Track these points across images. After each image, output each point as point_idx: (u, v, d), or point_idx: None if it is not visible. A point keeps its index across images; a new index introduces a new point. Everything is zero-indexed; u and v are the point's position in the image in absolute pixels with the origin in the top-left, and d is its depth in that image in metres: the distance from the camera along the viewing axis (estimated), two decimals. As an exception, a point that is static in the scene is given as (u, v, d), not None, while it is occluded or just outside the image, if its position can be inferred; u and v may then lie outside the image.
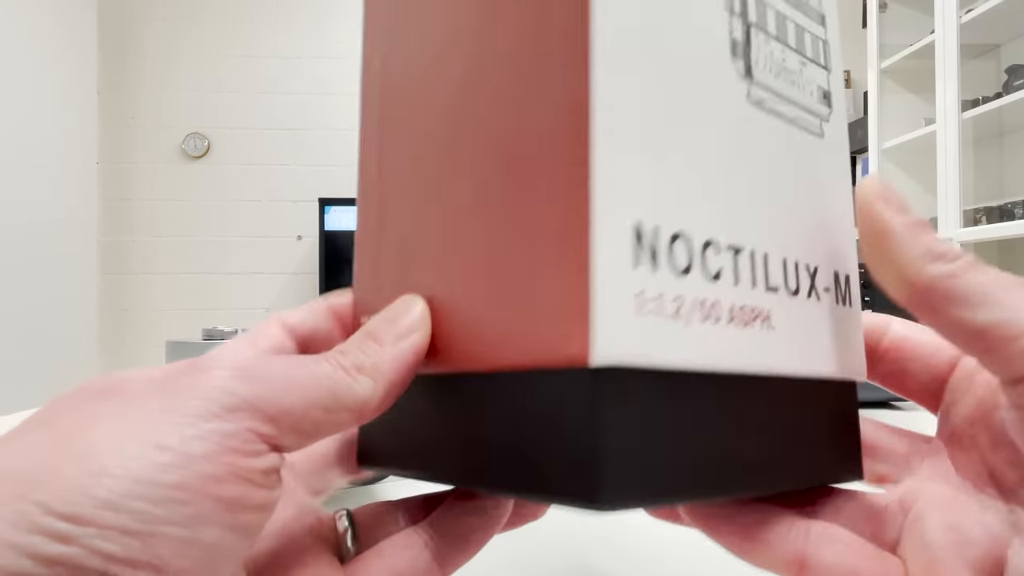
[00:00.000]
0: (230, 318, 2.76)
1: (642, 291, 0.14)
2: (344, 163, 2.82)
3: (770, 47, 0.18)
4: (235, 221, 2.79)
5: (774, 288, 0.16)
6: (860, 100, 2.86)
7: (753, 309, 0.16)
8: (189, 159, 2.78)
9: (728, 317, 0.15)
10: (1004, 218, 2.01)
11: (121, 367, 2.70)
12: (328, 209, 2.61)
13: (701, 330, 0.14)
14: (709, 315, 0.15)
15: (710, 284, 0.15)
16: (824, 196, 0.18)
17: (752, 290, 0.16)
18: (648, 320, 0.14)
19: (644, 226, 0.14)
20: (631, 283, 0.13)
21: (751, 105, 0.17)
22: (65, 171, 2.45)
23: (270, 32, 2.81)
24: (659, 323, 0.14)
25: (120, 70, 2.76)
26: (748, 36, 0.17)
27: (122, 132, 2.76)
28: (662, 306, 0.14)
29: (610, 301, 0.13)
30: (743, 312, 0.15)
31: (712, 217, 0.15)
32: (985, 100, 1.96)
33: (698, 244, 0.15)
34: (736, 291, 0.15)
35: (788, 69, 0.18)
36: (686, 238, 0.15)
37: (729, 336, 0.15)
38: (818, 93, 0.19)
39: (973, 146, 2.06)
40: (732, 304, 0.15)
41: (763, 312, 0.16)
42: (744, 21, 0.17)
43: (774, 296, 0.16)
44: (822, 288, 0.18)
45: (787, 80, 0.18)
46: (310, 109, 2.81)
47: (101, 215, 2.71)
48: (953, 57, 1.96)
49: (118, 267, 2.75)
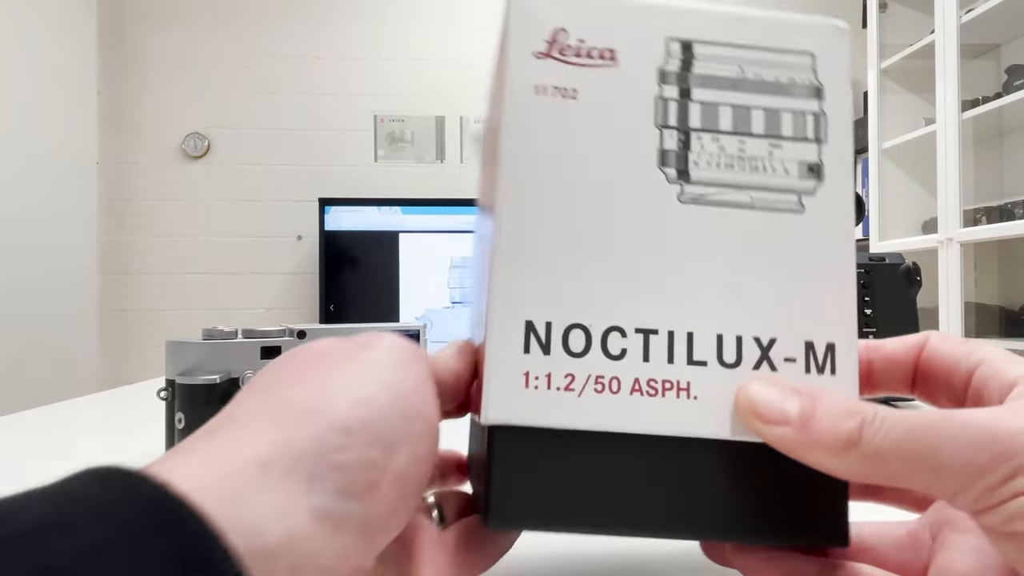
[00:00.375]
0: (230, 318, 2.76)
1: (528, 371, 0.18)
2: (344, 163, 2.82)
3: (719, 143, 0.20)
4: (235, 221, 2.79)
5: (700, 362, 0.19)
6: (860, 100, 2.86)
7: (667, 382, 0.19)
8: (189, 159, 2.78)
9: (631, 388, 0.18)
10: (1004, 218, 2.01)
11: (121, 367, 2.70)
12: (328, 209, 2.61)
13: (596, 399, 0.18)
14: (606, 387, 0.18)
15: (610, 362, 0.18)
16: (801, 269, 0.19)
17: (668, 365, 0.19)
18: (536, 393, 0.18)
19: (536, 323, 0.18)
20: (519, 365, 0.18)
21: (685, 204, 0.19)
22: (65, 171, 2.45)
23: (270, 32, 2.81)
24: (548, 395, 0.18)
25: (120, 70, 2.76)
26: (686, 141, 0.20)
27: (122, 132, 2.76)
28: (551, 382, 0.18)
29: (498, 378, 0.18)
30: (652, 384, 0.19)
31: (619, 308, 0.19)
32: (985, 100, 1.96)
33: (598, 332, 0.19)
34: (644, 367, 0.19)
35: (748, 157, 0.20)
36: (585, 328, 0.18)
37: (630, 404, 0.18)
38: (798, 169, 0.20)
39: (973, 146, 2.06)
40: (637, 378, 0.19)
41: (680, 384, 0.19)
42: (680, 130, 0.19)
43: (700, 369, 0.19)
44: (781, 358, 0.19)
45: (745, 168, 0.20)
46: (310, 109, 2.81)
47: (101, 215, 2.71)
48: (953, 57, 1.96)
49: (118, 267, 2.75)
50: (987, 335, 2.02)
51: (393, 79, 2.84)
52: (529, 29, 0.20)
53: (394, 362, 0.18)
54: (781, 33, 0.20)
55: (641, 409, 0.18)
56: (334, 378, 0.17)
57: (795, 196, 0.20)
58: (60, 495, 0.12)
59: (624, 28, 0.20)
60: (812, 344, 0.19)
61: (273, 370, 0.19)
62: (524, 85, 0.19)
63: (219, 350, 0.33)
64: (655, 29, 0.20)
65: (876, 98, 2.36)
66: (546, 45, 0.20)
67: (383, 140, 2.84)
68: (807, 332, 0.19)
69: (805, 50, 0.21)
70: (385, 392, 0.17)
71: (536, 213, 0.19)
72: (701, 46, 0.20)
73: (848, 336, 0.19)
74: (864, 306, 0.59)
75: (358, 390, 0.17)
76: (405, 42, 2.84)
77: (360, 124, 2.83)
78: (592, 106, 0.19)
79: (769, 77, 0.20)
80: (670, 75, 0.20)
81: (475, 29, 2.85)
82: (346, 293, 2.60)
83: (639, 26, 0.20)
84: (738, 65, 0.20)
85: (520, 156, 0.19)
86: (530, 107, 0.19)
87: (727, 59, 0.20)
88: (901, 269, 0.60)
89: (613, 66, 0.20)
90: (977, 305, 2.05)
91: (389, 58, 2.84)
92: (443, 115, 2.84)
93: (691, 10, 0.20)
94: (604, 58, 0.20)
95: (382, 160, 2.84)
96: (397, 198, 2.67)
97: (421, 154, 2.85)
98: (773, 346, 0.19)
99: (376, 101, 2.84)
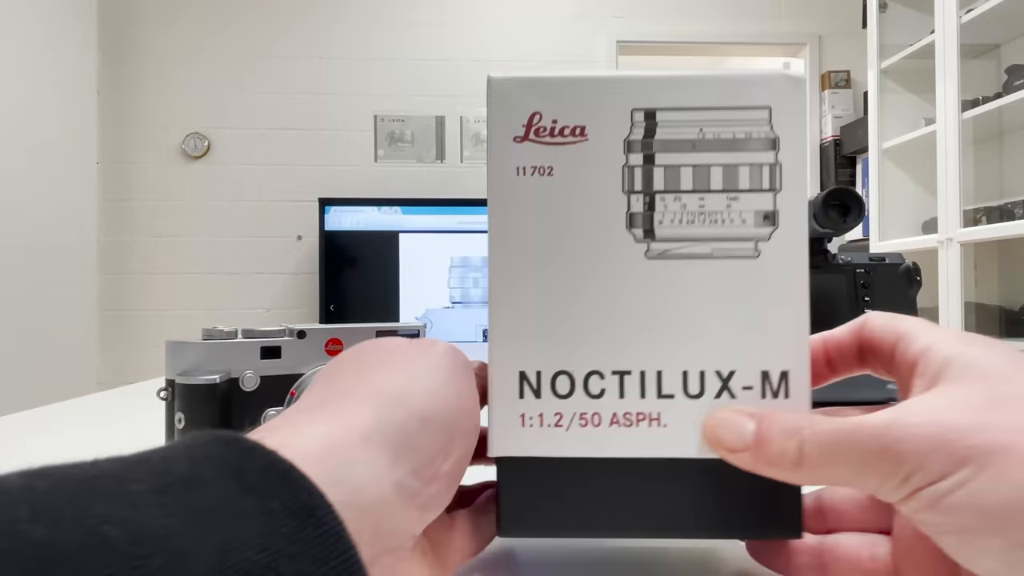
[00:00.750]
0: (230, 318, 2.76)
1: (523, 413, 0.22)
2: (344, 163, 2.82)
3: (681, 202, 0.22)
4: (235, 221, 2.79)
5: (669, 395, 0.22)
6: (860, 100, 2.86)
7: (640, 414, 0.22)
8: (189, 159, 2.78)
9: (610, 421, 0.22)
10: (1004, 218, 2.01)
11: (121, 367, 2.70)
12: (328, 209, 2.61)
13: (581, 432, 0.22)
14: (589, 422, 0.22)
15: (592, 401, 0.22)
16: (758, 306, 0.22)
17: (640, 400, 0.22)
18: (531, 430, 0.22)
19: (528, 373, 0.22)
20: (516, 408, 0.22)
21: (651, 259, 0.22)
22: (65, 171, 2.45)
23: (270, 33, 2.81)
24: (541, 431, 0.22)
25: (120, 70, 2.76)
26: (651, 203, 0.22)
27: (122, 132, 2.76)
28: (543, 420, 0.22)
29: (500, 420, 0.22)
30: (627, 417, 0.22)
31: (597, 355, 0.22)
32: (985, 100, 1.96)
33: (580, 376, 0.22)
34: (621, 403, 0.22)
35: (708, 212, 0.22)
36: (569, 374, 0.22)
37: (609, 434, 0.22)
38: (755, 218, 0.22)
39: (973, 146, 2.06)
40: (614, 412, 0.22)
41: (651, 415, 0.22)
42: (645, 194, 0.22)
43: (669, 401, 0.22)
44: (739, 387, 0.22)
45: (706, 222, 0.22)
46: (310, 109, 2.81)
47: (101, 215, 2.71)
48: (953, 57, 1.97)
49: (118, 267, 2.75)
50: (987, 335, 2.02)
51: (393, 79, 2.84)
52: (508, 116, 0.22)
53: (452, 364, 0.22)
54: (738, 91, 0.22)
55: (619, 438, 0.22)
56: (410, 372, 0.20)
57: (751, 243, 0.22)
58: (197, 453, 0.14)
59: (593, 104, 0.22)
60: (768, 373, 0.22)
61: (350, 362, 0.22)
62: (506, 168, 0.22)
63: (219, 350, 0.33)
64: (621, 102, 0.22)
65: (876, 98, 2.36)
66: (523, 130, 0.22)
67: (383, 140, 2.84)
68: (763, 363, 0.22)
69: (762, 104, 0.22)
70: (450, 390, 0.20)
71: (522, 280, 0.22)
72: (664, 112, 0.22)
73: (801, 363, 0.22)
74: (864, 306, 0.59)
75: (431, 385, 0.20)
76: (405, 42, 2.84)
77: (360, 124, 2.83)
78: (566, 180, 0.22)
79: (727, 135, 0.22)
80: (635, 144, 0.22)
81: (476, 29, 2.85)
82: (346, 293, 2.60)
83: (606, 101, 0.22)
84: (698, 127, 0.22)
85: (505, 232, 0.22)
86: (512, 187, 0.22)
87: (688, 122, 0.22)
88: (901, 269, 0.60)
89: (584, 141, 0.22)
90: (977, 305, 2.05)
91: (389, 58, 2.84)
92: (443, 115, 2.84)
93: (654, 79, 0.22)
94: (576, 135, 0.22)
95: (382, 160, 2.84)
96: (397, 198, 2.67)
97: (421, 154, 2.85)
98: (732, 377, 0.22)
99: (376, 101, 2.84)
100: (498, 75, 0.23)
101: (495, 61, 2.80)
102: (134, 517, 0.12)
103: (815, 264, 0.61)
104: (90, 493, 0.12)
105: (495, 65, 2.80)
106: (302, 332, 0.35)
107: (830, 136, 2.90)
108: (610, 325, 0.22)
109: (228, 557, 0.12)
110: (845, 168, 2.87)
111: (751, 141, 0.22)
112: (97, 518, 0.11)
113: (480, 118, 2.82)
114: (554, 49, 2.86)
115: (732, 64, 4.31)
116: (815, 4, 2.97)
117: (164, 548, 0.11)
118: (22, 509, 0.11)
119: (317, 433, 0.17)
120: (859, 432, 0.18)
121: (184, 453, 0.14)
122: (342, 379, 0.21)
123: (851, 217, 0.58)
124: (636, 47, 2.96)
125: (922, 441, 0.17)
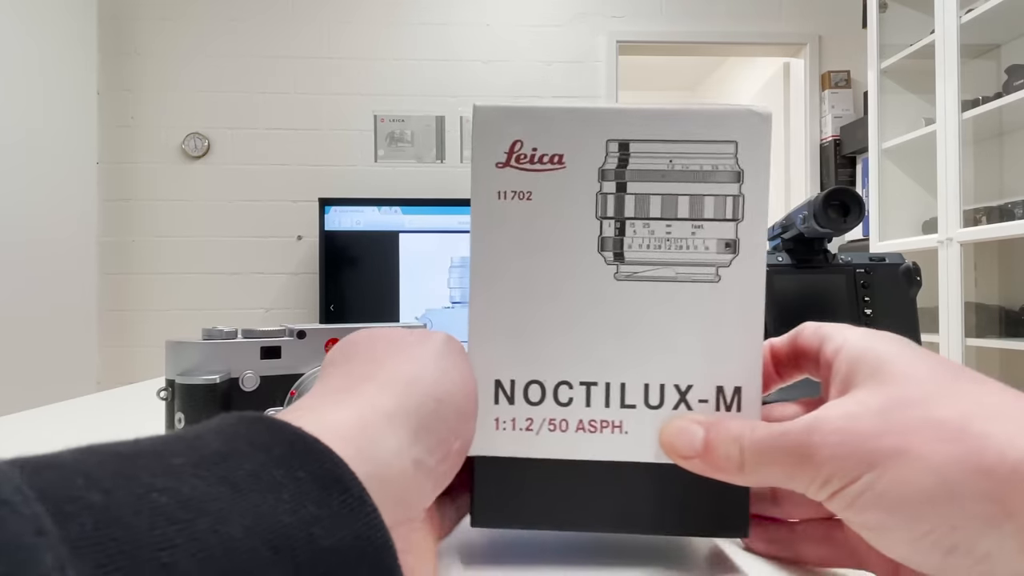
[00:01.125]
0: (230, 318, 2.76)
1: (498, 417, 0.24)
2: (344, 163, 2.82)
3: (649, 228, 0.24)
4: (235, 221, 2.79)
5: (631, 405, 0.24)
6: (860, 100, 2.86)
7: (603, 421, 0.24)
8: (189, 159, 2.78)
9: (576, 427, 0.24)
10: (1004, 218, 2.01)
11: (121, 367, 2.70)
12: (328, 209, 2.61)
13: (550, 436, 0.24)
14: (557, 427, 0.24)
15: (560, 408, 0.24)
16: (716, 327, 0.24)
17: (604, 409, 0.24)
18: (505, 433, 0.24)
19: (503, 381, 0.24)
20: (491, 413, 0.24)
21: (620, 280, 0.24)
22: (65, 171, 2.45)
23: (271, 33, 2.81)
24: (514, 434, 0.24)
25: (120, 70, 2.76)
26: (622, 229, 0.24)
27: (122, 132, 2.76)
28: (516, 425, 0.24)
29: (477, 423, 0.24)
30: (592, 424, 0.24)
31: (567, 367, 0.24)
32: (985, 100, 1.96)
33: (551, 385, 0.24)
34: (587, 411, 0.24)
35: (674, 238, 0.24)
36: (540, 383, 0.24)
37: (576, 439, 0.24)
38: (717, 245, 0.24)
39: (973, 146, 2.06)
40: (580, 419, 0.24)
41: (614, 422, 0.24)
42: (617, 220, 0.24)
43: (630, 410, 0.24)
44: (696, 400, 0.24)
45: (672, 247, 0.24)
46: (310, 109, 2.81)
47: (101, 215, 2.71)
48: (953, 57, 1.97)
49: (118, 267, 2.75)
50: (987, 335, 2.02)
51: (393, 79, 2.84)
52: (491, 143, 0.24)
53: (454, 351, 0.23)
54: (708, 125, 0.24)
55: (584, 442, 0.24)
56: (420, 359, 0.22)
57: (713, 269, 0.24)
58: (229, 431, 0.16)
59: (570, 134, 0.24)
60: (722, 388, 0.24)
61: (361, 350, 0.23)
62: (488, 192, 0.24)
63: (219, 350, 0.33)
64: (596, 133, 0.24)
65: (876, 98, 2.36)
66: (505, 156, 0.24)
67: (383, 140, 2.84)
68: (718, 379, 0.24)
69: (729, 139, 0.24)
70: (455, 374, 0.22)
71: (500, 295, 0.24)
72: (636, 144, 0.24)
73: (753, 379, 0.24)
74: (864, 306, 0.59)
75: (439, 370, 0.22)
76: (405, 42, 2.84)
77: (360, 124, 2.83)
78: (544, 204, 0.24)
79: (695, 166, 0.24)
80: (609, 172, 0.24)
81: (476, 29, 2.85)
82: (346, 293, 2.60)
83: (583, 131, 0.24)
84: (669, 159, 0.24)
85: (486, 251, 0.24)
86: (493, 210, 0.24)
87: (659, 154, 0.24)
88: (901, 269, 0.60)
89: (561, 168, 0.24)
90: (977, 305, 2.05)
91: (389, 58, 2.84)
92: (443, 115, 2.84)
93: (628, 112, 0.24)
94: (554, 162, 0.24)
95: (382, 160, 2.84)
96: (397, 198, 2.67)
97: (421, 154, 2.85)
98: (690, 391, 0.24)
99: (376, 101, 2.84)
100: (483, 104, 0.24)
101: (495, 61, 2.80)
102: (177, 486, 0.13)
103: (815, 264, 0.61)
104: (136, 466, 0.13)
105: (495, 65, 2.80)
106: (302, 332, 0.35)
107: (830, 136, 2.90)
108: (580, 340, 0.24)
109: (262, 520, 0.13)
110: (845, 168, 2.87)
111: (717, 173, 0.24)
112: (145, 487, 0.13)
113: (480, 118, 2.82)
114: (554, 49, 2.86)
115: (732, 64, 4.31)
116: (815, 4, 2.97)
117: (207, 511, 0.13)
118: (78, 480, 0.12)
119: (345, 415, 0.18)
120: (785, 438, 0.20)
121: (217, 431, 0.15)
122: (359, 366, 0.22)
123: (851, 217, 0.58)
124: (636, 47, 2.96)
125: (835, 448, 0.19)
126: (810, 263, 0.60)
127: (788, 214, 0.62)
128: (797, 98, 3.09)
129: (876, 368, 0.20)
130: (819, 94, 2.98)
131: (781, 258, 0.61)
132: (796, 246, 0.61)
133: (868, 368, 0.21)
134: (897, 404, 0.19)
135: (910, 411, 0.19)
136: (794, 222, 0.60)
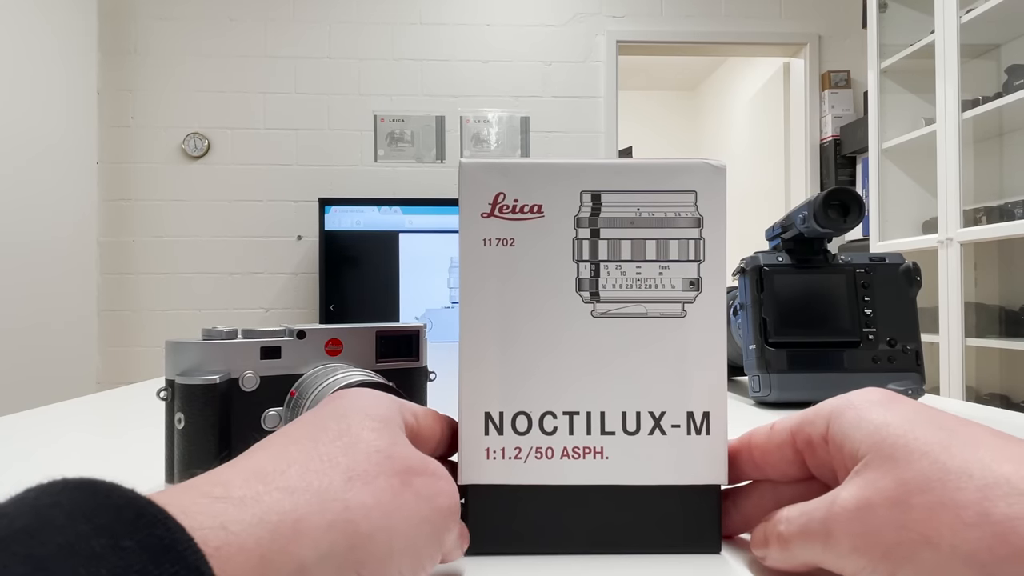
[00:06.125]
0: (230, 318, 2.76)
1: (488, 447, 0.26)
2: (344, 163, 2.83)
3: (621, 270, 0.26)
4: (235, 221, 2.79)
5: (610, 432, 0.26)
6: (860, 100, 2.86)
7: (586, 448, 0.26)
8: (189, 159, 2.78)
9: (561, 455, 0.26)
10: (1004, 218, 2.01)
11: (121, 367, 2.70)
12: (328, 209, 2.61)
13: (537, 463, 0.26)
14: (543, 455, 0.26)
15: (545, 437, 0.26)
16: (683, 359, 0.26)
17: (586, 436, 0.26)
18: (495, 462, 0.26)
19: (492, 413, 0.26)
20: (482, 443, 0.26)
21: (597, 318, 0.26)
22: (65, 171, 2.45)
23: (271, 33, 2.81)
24: (503, 463, 0.26)
25: (120, 70, 2.76)
26: (596, 271, 0.26)
27: (122, 132, 2.76)
28: (504, 454, 0.26)
29: (468, 453, 0.26)
30: (575, 450, 0.26)
31: (550, 398, 0.26)
32: (985, 100, 1.96)
33: (536, 416, 0.26)
34: (570, 438, 0.26)
35: (644, 278, 0.26)
36: (527, 414, 0.26)
37: (560, 465, 0.26)
38: (682, 284, 0.26)
39: (973, 146, 2.06)
40: (565, 447, 0.26)
41: (596, 448, 0.26)
42: (592, 263, 0.26)
43: (610, 437, 0.26)
44: (669, 425, 0.26)
45: (642, 287, 0.26)
46: (310, 109, 2.81)
47: (101, 215, 2.71)
48: (953, 57, 1.97)
49: (118, 267, 2.75)
50: (987, 335, 2.02)
51: (393, 79, 2.84)
52: (476, 195, 0.26)
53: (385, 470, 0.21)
54: (670, 177, 0.26)
55: (568, 468, 0.26)
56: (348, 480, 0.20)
57: (680, 305, 0.26)
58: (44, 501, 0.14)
59: (548, 186, 0.26)
60: (692, 413, 0.26)
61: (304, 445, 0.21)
62: (475, 239, 0.26)
63: (219, 350, 0.33)
64: (572, 185, 0.26)
65: (876, 98, 2.36)
66: (489, 207, 0.26)
67: (383, 140, 2.84)
68: (688, 404, 0.26)
69: (689, 188, 0.26)
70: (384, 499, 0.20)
71: (487, 334, 0.26)
72: (608, 194, 0.26)
73: (720, 405, 0.26)
74: (864, 306, 0.59)
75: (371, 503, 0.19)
76: (405, 42, 2.84)
77: (360, 124, 2.83)
78: (526, 250, 0.26)
79: (660, 213, 0.26)
80: (584, 220, 0.26)
81: (476, 29, 2.85)
82: (346, 293, 2.60)
83: (559, 184, 0.26)
84: (636, 207, 0.26)
85: (474, 294, 0.26)
86: (480, 255, 0.26)
87: (628, 203, 0.26)
88: (901, 269, 0.60)
89: (541, 217, 0.26)
90: (977, 305, 2.05)
91: (389, 58, 2.84)
92: (443, 115, 2.84)
93: (600, 166, 0.26)
94: (534, 212, 0.26)
95: (382, 160, 2.84)
96: (397, 198, 2.67)
97: (421, 154, 2.85)
98: (663, 417, 0.26)
99: (376, 101, 2.84)
100: (468, 160, 0.27)
101: (495, 61, 2.80)
102: None
103: (815, 264, 0.61)
104: None
105: (495, 65, 2.80)
106: (302, 332, 0.35)
107: (830, 136, 2.90)
108: (562, 373, 0.26)
109: None
110: (845, 168, 2.88)
111: (680, 219, 0.27)
112: None
113: (480, 118, 2.82)
114: (554, 49, 2.86)
115: (732, 64, 4.31)
116: (815, 4, 2.97)
117: None
118: None
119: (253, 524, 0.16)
120: (810, 527, 0.21)
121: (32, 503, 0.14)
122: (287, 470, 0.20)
123: (851, 217, 0.57)
124: (636, 47, 2.97)
125: (856, 540, 0.20)
126: (810, 263, 0.60)
127: (788, 214, 0.62)
128: (797, 98, 3.09)
129: (879, 443, 0.20)
130: (819, 94, 2.99)
131: (781, 258, 0.61)
132: (796, 246, 0.61)
133: (871, 443, 0.21)
134: (913, 490, 0.19)
135: (927, 496, 0.18)
136: (794, 222, 0.60)
